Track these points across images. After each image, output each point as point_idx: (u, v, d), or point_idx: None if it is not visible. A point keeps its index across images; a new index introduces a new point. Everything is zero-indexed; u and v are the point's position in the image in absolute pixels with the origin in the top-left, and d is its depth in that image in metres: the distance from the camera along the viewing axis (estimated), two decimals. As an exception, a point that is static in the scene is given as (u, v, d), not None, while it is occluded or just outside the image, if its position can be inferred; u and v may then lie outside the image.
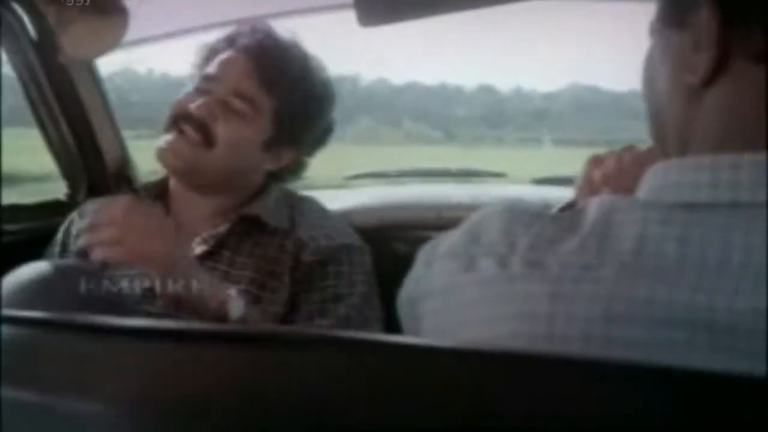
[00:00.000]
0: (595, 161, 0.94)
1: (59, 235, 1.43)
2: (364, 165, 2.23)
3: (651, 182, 0.57)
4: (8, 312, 0.54)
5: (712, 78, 0.55)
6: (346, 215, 1.53)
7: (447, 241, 0.61)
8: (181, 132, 1.32)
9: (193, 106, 1.31)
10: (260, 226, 1.33)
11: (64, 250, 1.40)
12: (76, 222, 1.41)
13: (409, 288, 0.64)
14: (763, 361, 0.46)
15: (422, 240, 1.24)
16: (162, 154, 1.34)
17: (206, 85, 1.35)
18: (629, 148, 0.93)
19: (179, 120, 1.33)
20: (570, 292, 0.51)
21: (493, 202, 0.63)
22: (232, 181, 1.38)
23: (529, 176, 2.09)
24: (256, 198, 1.38)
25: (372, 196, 1.87)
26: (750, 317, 0.47)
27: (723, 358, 0.47)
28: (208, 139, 1.31)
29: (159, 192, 1.42)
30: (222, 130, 1.32)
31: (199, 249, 1.31)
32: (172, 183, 1.41)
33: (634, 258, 0.51)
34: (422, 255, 0.63)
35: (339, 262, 1.31)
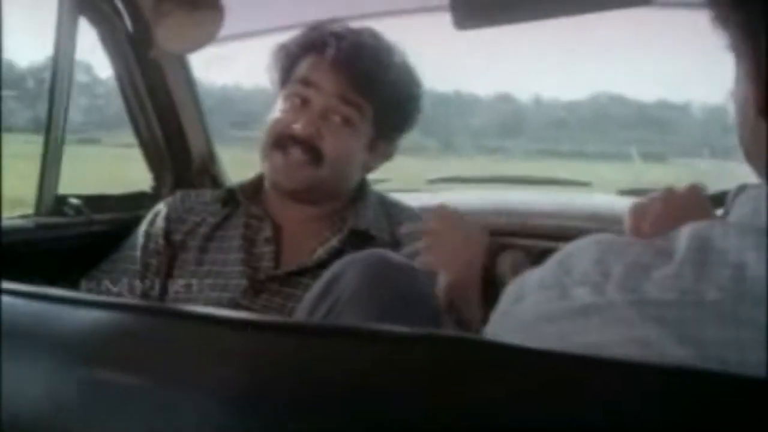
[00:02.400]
0: (639, 211, 0.90)
1: (144, 227, 1.43)
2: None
3: (743, 207, 0.57)
4: (100, 298, 0.54)
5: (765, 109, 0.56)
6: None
7: (536, 274, 0.60)
8: (287, 152, 1.33)
9: (298, 128, 1.31)
10: (368, 240, 1.33)
11: (148, 240, 1.41)
12: (162, 214, 1.43)
13: (497, 322, 0.62)
14: None
15: (507, 247, 1.21)
16: (275, 178, 1.36)
17: (303, 91, 1.34)
18: (670, 191, 0.90)
19: (285, 141, 1.33)
20: (676, 316, 0.50)
21: (577, 212, 0.62)
22: (339, 189, 1.39)
23: (614, 187, 2.05)
24: (357, 206, 1.39)
25: (455, 200, 1.85)
26: None
27: None
28: (317, 157, 1.32)
29: (254, 192, 1.43)
30: (329, 146, 1.33)
31: (314, 259, 1.32)
32: (267, 184, 1.42)
33: (734, 284, 0.50)
34: (510, 290, 0.62)
35: None
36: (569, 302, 0.55)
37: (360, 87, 1.33)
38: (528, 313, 0.58)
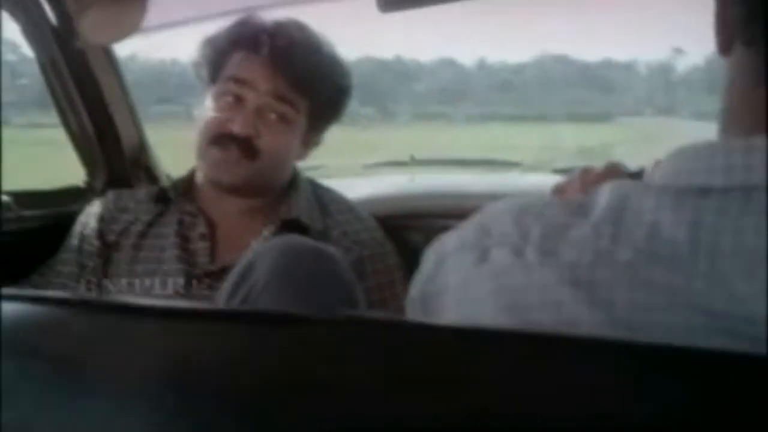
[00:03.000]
0: (559, 189, 0.92)
1: (77, 228, 1.42)
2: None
3: (665, 167, 0.56)
4: (22, 292, 0.54)
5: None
6: (363, 204, 1.53)
7: (456, 236, 0.60)
8: (223, 149, 1.33)
9: (235, 127, 1.32)
10: (300, 229, 1.34)
11: (82, 242, 1.40)
12: (94, 215, 1.41)
13: (420, 286, 0.63)
14: None
15: (442, 229, 1.23)
16: (213, 173, 1.36)
17: (237, 89, 1.34)
18: (587, 170, 0.93)
19: (222, 139, 1.33)
20: (588, 278, 0.51)
21: (510, 191, 0.63)
22: (275, 182, 1.40)
23: (549, 166, 2.08)
24: (289, 196, 1.40)
25: (390, 185, 1.86)
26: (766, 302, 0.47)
27: (743, 345, 0.47)
28: (254, 153, 1.33)
29: (186, 189, 1.43)
30: (266, 143, 1.33)
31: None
32: (199, 179, 1.41)
33: (648, 244, 0.51)
34: (431, 253, 0.62)
35: (365, 273, 1.34)
36: (489, 265, 0.56)
37: (295, 84, 1.34)
38: (450, 276, 0.59)
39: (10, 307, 0.52)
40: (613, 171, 0.92)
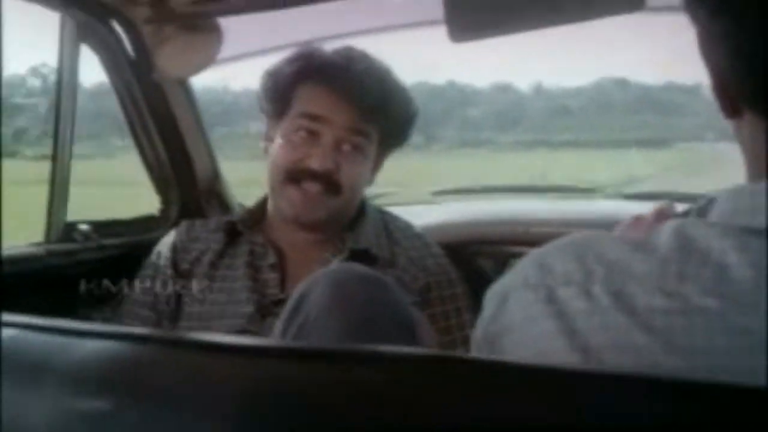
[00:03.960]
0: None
1: (152, 259, 1.44)
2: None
3: (723, 206, 0.56)
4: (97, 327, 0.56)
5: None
6: (432, 232, 1.52)
7: (517, 275, 0.60)
8: (302, 187, 1.33)
9: (314, 163, 1.32)
10: (369, 259, 1.34)
11: (156, 272, 1.41)
12: (168, 245, 1.44)
13: (484, 326, 0.62)
14: None
15: (512, 256, 1.21)
16: (293, 212, 1.35)
17: (311, 124, 1.33)
18: (639, 217, 0.92)
19: (301, 176, 1.33)
20: (663, 323, 0.51)
21: (581, 218, 0.62)
22: (349, 214, 1.41)
23: (619, 192, 2.05)
24: (357, 225, 1.40)
25: (459, 212, 1.86)
26: None
27: None
28: (336, 188, 1.34)
29: (256, 219, 1.44)
30: (346, 177, 1.34)
31: None
32: (269, 210, 1.43)
33: (717, 285, 0.50)
34: (492, 294, 0.62)
35: (431, 300, 1.33)
36: (557, 305, 0.55)
37: (367, 114, 1.34)
38: (515, 315, 0.58)
39: (91, 344, 0.53)
40: (663, 214, 0.91)
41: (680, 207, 0.86)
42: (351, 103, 1.33)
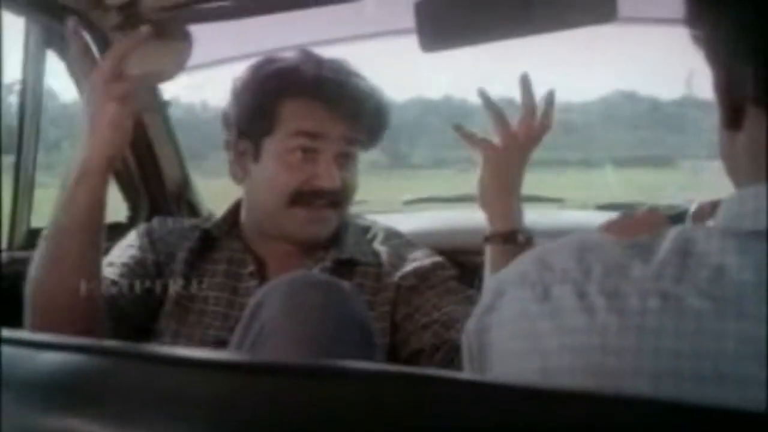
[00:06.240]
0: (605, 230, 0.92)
1: (127, 242, 1.39)
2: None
3: (727, 210, 0.56)
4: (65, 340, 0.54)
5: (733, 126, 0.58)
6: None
7: (516, 269, 0.61)
8: (311, 207, 1.32)
9: (324, 183, 1.31)
10: (352, 266, 1.33)
11: (133, 252, 1.36)
12: (141, 232, 1.39)
13: (479, 317, 0.63)
14: None
15: (480, 265, 1.20)
16: (299, 232, 1.34)
17: (309, 143, 1.30)
18: (628, 214, 0.93)
19: (308, 197, 1.32)
20: (653, 325, 0.51)
21: (552, 228, 0.63)
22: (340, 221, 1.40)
23: (590, 201, 2.06)
24: (339, 233, 1.38)
25: (430, 221, 1.86)
26: None
27: None
28: (342, 202, 1.35)
29: (230, 227, 1.41)
30: (349, 188, 1.36)
31: None
32: (243, 216, 1.41)
33: (713, 287, 0.50)
34: (492, 285, 0.63)
35: (433, 284, 1.33)
36: (551, 303, 0.56)
37: (359, 125, 1.34)
38: (508, 309, 0.59)
39: (52, 357, 0.52)
40: (654, 213, 0.92)
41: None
42: (345, 116, 1.32)
